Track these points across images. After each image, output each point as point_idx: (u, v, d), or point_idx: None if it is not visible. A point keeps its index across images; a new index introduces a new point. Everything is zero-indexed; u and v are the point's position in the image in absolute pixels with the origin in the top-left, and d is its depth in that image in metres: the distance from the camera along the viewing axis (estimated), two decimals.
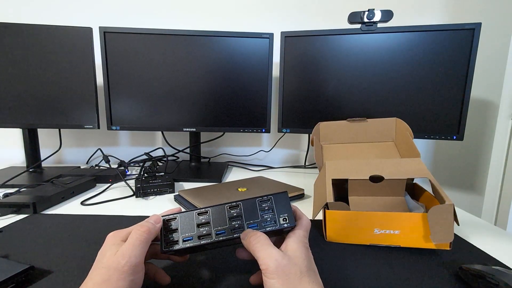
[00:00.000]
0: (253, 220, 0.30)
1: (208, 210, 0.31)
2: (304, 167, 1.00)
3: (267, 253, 0.25)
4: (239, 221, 0.30)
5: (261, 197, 0.31)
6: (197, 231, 0.30)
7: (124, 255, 0.25)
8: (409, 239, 0.40)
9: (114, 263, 0.25)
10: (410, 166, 0.48)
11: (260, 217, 0.30)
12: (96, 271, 0.25)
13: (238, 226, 0.30)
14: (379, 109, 0.79)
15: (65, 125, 0.82)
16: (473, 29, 0.70)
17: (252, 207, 0.31)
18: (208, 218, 0.30)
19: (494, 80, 0.99)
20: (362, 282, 0.33)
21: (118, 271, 0.25)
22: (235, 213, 0.30)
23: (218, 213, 0.31)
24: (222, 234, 0.29)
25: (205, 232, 0.30)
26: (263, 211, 0.30)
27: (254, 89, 0.85)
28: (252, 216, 0.30)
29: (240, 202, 0.31)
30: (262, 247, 0.26)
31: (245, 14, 1.00)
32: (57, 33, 0.78)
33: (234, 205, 0.31)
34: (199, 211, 0.31)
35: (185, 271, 0.35)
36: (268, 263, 0.25)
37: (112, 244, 0.27)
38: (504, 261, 0.38)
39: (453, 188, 1.09)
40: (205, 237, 0.29)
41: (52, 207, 0.57)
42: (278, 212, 0.30)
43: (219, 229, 0.30)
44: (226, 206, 0.31)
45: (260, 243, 0.26)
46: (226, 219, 0.30)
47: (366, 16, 0.74)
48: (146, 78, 0.83)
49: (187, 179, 0.78)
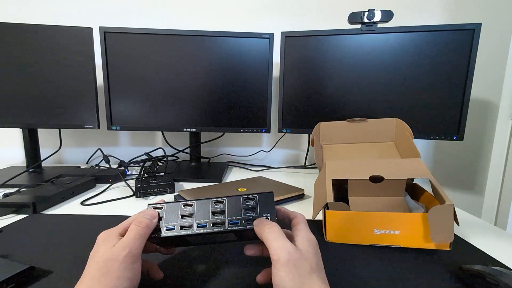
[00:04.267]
0: (236, 216, 0.30)
1: (193, 203, 0.31)
2: (304, 167, 1.00)
3: (281, 244, 0.25)
4: (221, 216, 0.30)
5: (246, 195, 0.31)
6: (180, 221, 0.30)
7: (124, 247, 0.26)
8: (409, 239, 0.40)
9: (114, 254, 0.25)
10: (410, 166, 0.48)
11: (242, 214, 0.30)
12: (92, 267, 0.25)
13: (220, 221, 0.30)
14: (379, 109, 0.79)
15: (65, 125, 0.82)
16: (473, 29, 0.70)
17: (236, 204, 0.31)
18: (192, 210, 0.31)
19: (494, 80, 0.99)
20: (362, 282, 0.33)
21: (118, 262, 0.25)
22: (218, 208, 0.31)
23: (203, 206, 0.31)
24: (203, 227, 0.29)
25: (187, 223, 0.30)
26: (246, 209, 0.30)
27: (254, 89, 0.85)
28: (235, 212, 0.30)
29: (225, 198, 0.31)
30: (276, 238, 0.26)
31: (245, 14, 1.00)
32: (57, 33, 0.78)
33: (219, 201, 0.31)
34: (185, 202, 0.31)
35: (179, 267, 0.35)
36: (280, 254, 0.24)
37: (104, 240, 0.27)
38: (504, 261, 0.38)
39: (453, 188, 1.08)
40: (186, 228, 0.30)
41: (52, 207, 0.57)
42: (260, 212, 0.30)
43: (201, 222, 0.30)
44: (211, 201, 0.31)
45: (274, 233, 0.26)
46: (209, 213, 0.30)
47: (366, 16, 0.74)
48: (146, 78, 0.83)
49: (187, 179, 0.78)
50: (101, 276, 0.24)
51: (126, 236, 0.27)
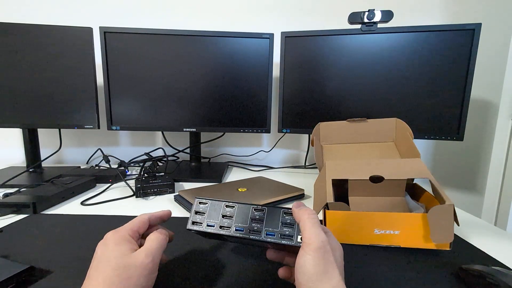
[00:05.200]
0: (272, 228, 0.30)
1: (235, 205, 0.32)
2: (304, 167, 1.00)
3: (317, 232, 0.26)
4: (259, 224, 0.30)
5: (287, 209, 0.31)
6: (220, 221, 0.32)
7: (147, 255, 0.27)
8: (409, 239, 0.40)
9: (137, 261, 0.26)
10: (410, 166, 0.48)
11: (280, 227, 0.30)
12: (107, 271, 0.25)
13: (257, 229, 0.30)
14: (379, 109, 0.79)
15: (65, 125, 0.82)
16: (473, 29, 0.70)
17: (276, 215, 0.31)
18: (233, 212, 0.32)
19: (494, 80, 0.99)
20: (362, 282, 0.33)
21: (140, 269, 0.25)
22: (258, 216, 0.31)
23: (243, 211, 0.32)
24: (240, 231, 0.30)
25: (227, 224, 0.31)
26: (284, 224, 0.30)
27: (255, 89, 0.85)
28: (272, 224, 0.30)
29: (265, 207, 0.32)
30: (314, 225, 0.26)
31: (245, 14, 1.00)
32: (57, 33, 0.78)
33: (259, 209, 0.32)
34: (228, 203, 0.33)
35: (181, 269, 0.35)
36: (314, 240, 0.25)
37: (117, 243, 0.27)
38: (504, 261, 0.38)
39: (453, 188, 1.08)
40: (225, 229, 0.31)
41: (52, 207, 0.57)
42: (298, 230, 0.29)
43: (239, 225, 0.31)
44: (251, 207, 0.32)
45: (313, 221, 0.27)
46: (248, 219, 0.31)
47: (367, 17, 0.74)
48: (146, 78, 0.83)
49: (187, 179, 0.78)
50: (120, 281, 0.24)
51: (150, 245, 0.28)
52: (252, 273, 0.34)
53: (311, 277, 0.24)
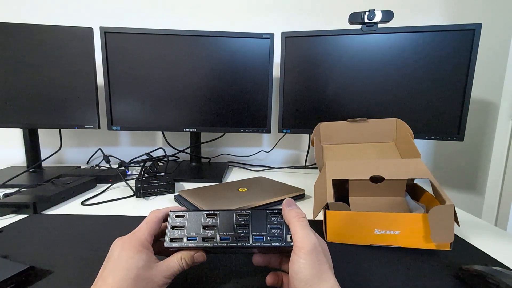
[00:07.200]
0: (260, 232, 0.28)
1: (216, 213, 0.30)
2: (305, 168, 1.00)
3: (308, 234, 0.26)
4: (245, 230, 0.29)
5: (272, 209, 0.30)
6: (203, 232, 0.29)
7: (168, 277, 0.27)
8: (409, 239, 0.40)
9: (157, 278, 0.26)
10: (410, 167, 0.48)
11: (267, 230, 0.28)
12: (124, 280, 0.25)
13: (244, 236, 0.28)
14: (380, 109, 0.79)
15: (66, 125, 0.82)
16: (473, 29, 0.70)
17: (261, 218, 0.29)
18: (215, 221, 0.29)
19: (494, 80, 0.99)
20: (362, 283, 0.33)
21: (156, 284, 0.26)
22: (242, 222, 0.29)
23: (226, 218, 0.30)
24: (226, 241, 0.28)
25: (210, 235, 0.29)
26: (271, 225, 0.29)
27: (255, 89, 0.85)
28: (259, 227, 0.29)
29: (249, 211, 0.30)
30: (304, 227, 0.26)
31: (245, 14, 1.00)
32: (58, 33, 0.78)
33: (243, 213, 0.30)
34: (208, 212, 0.30)
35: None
36: (305, 243, 0.25)
37: (131, 257, 0.26)
38: (504, 261, 0.38)
39: (453, 189, 1.08)
40: (209, 240, 0.28)
41: (53, 207, 0.57)
42: (286, 229, 0.28)
43: (224, 234, 0.28)
44: (235, 213, 0.30)
45: (303, 223, 0.27)
46: (233, 225, 0.29)
47: (367, 17, 0.74)
48: (146, 78, 0.83)
49: (188, 179, 0.78)
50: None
51: (172, 267, 0.28)
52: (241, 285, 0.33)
53: (308, 282, 0.24)
